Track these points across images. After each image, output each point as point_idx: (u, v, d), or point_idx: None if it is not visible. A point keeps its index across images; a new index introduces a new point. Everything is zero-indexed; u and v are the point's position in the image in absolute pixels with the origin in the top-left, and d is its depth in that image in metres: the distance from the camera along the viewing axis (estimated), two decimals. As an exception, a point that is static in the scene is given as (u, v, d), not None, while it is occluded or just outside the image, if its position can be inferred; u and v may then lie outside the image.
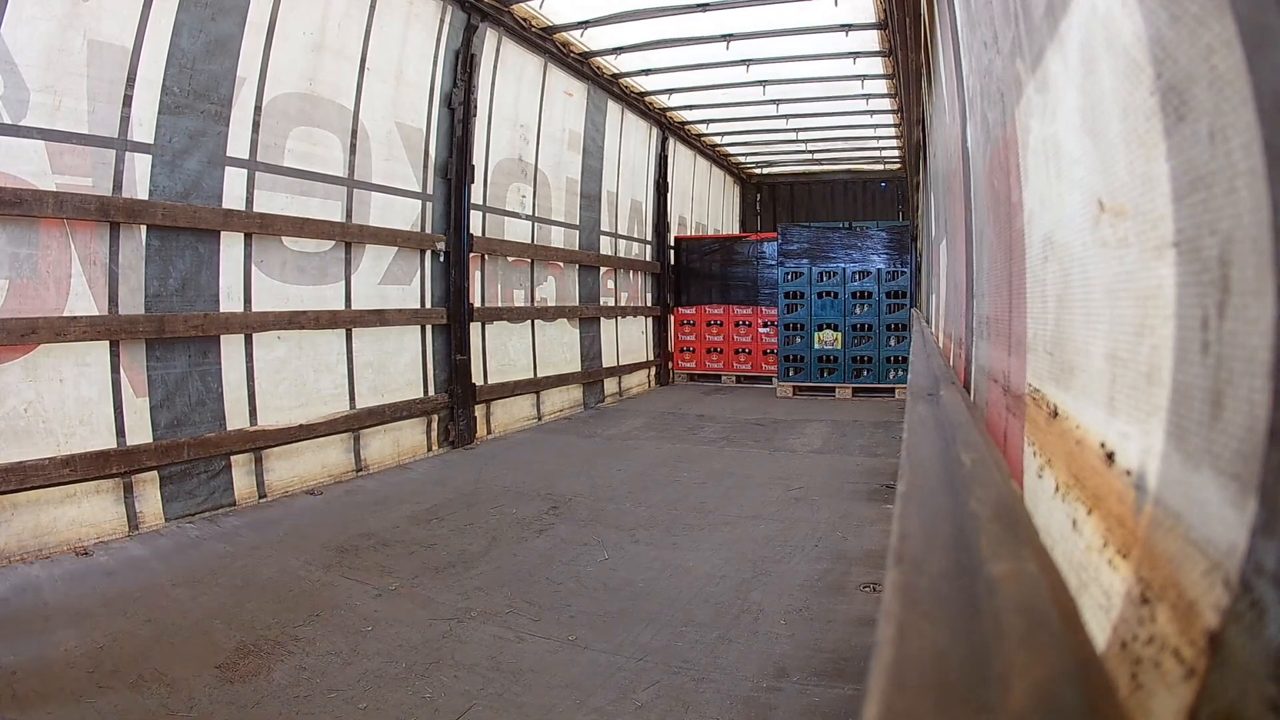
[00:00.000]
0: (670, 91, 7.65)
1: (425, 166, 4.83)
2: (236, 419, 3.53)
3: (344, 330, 4.18)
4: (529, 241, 6.12)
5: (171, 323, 3.21)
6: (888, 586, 0.60)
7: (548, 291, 6.45)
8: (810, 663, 2.01)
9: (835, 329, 7.58)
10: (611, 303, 7.66)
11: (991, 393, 1.40)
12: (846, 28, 5.65)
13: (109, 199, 2.98)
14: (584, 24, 5.74)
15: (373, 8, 4.27)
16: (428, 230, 4.82)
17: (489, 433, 5.44)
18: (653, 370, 8.59)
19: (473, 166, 5.10)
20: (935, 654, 0.49)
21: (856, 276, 7.55)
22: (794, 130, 9.25)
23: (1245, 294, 0.41)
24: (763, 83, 7.04)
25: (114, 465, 2.96)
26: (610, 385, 7.48)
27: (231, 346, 3.53)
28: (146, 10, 3.08)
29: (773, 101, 7.71)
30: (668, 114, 8.45)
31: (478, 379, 5.26)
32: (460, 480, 4.14)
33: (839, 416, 6.33)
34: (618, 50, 6.34)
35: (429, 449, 4.84)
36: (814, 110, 8.17)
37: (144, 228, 3.15)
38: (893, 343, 7.40)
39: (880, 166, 11.71)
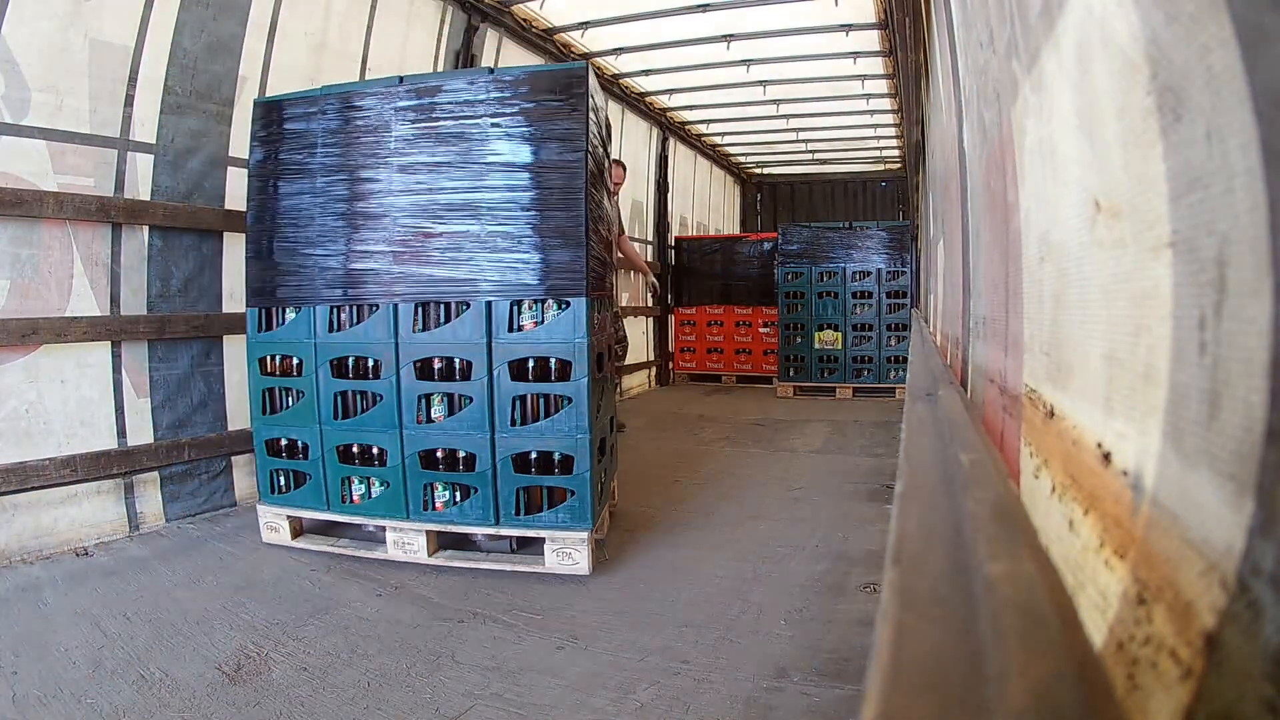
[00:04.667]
0: (671, 92, 7.65)
1: (426, 167, 4.82)
2: (238, 419, 3.53)
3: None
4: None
5: (173, 323, 3.21)
6: (886, 586, 0.60)
7: (549, 292, 6.44)
8: (810, 662, 2.01)
9: (835, 329, 7.57)
10: (613, 303, 7.67)
11: (989, 393, 1.40)
12: (847, 28, 5.65)
13: (110, 199, 2.98)
14: (584, 25, 5.74)
15: (374, 8, 4.28)
16: (428, 230, 4.82)
17: (489, 433, 5.44)
18: (653, 370, 8.59)
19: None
20: (933, 654, 0.49)
21: (857, 276, 7.54)
22: (794, 130, 9.25)
23: (1242, 294, 0.41)
24: (763, 83, 7.04)
25: (115, 466, 2.96)
26: (611, 385, 7.48)
27: (234, 347, 3.53)
28: (148, 9, 3.08)
29: (773, 101, 7.71)
30: (668, 114, 8.45)
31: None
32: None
33: (839, 416, 6.33)
34: (618, 51, 6.34)
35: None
36: (814, 110, 8.17)
37: (146, 228, 3.16)
38: (893, 343, 7.39)
39: (880, 166, 11.70)
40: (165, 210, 3.18)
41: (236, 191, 3.53)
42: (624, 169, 5.74)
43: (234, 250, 3.54)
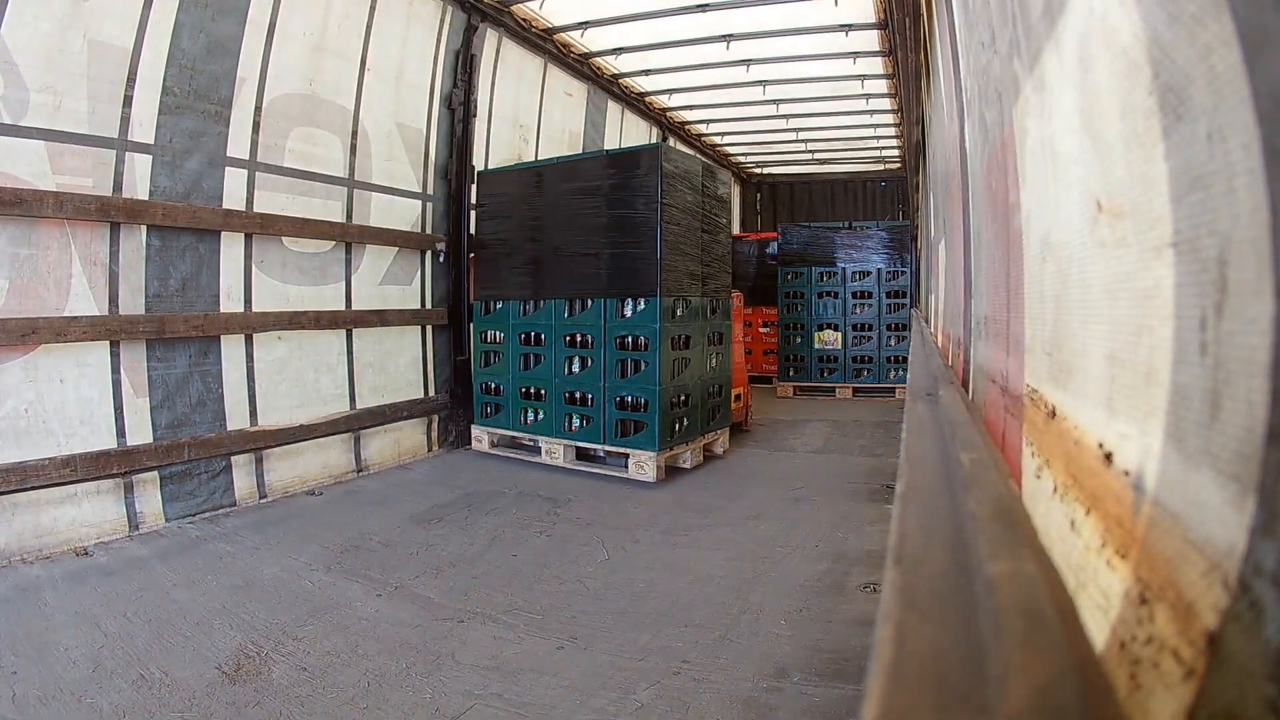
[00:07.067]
0: (670, 91, 7.64)
1: (425, 167, 4.83)
2: (237, 419, 3.53)
3: (344, 330, 4.18)
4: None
5: (172, 323, 3.21)
6: (886, 586, 0.60)
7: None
8: (810, 663, 2.01)
9: (835, 329, 7.58)
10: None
11: (990, 393, 1.40)
12: (846, 28, 5.65)
13: (109, 199, 2.98)
14: (584, 25, 5.74)
15: (373, 8, 4.27)
16: (428, 230, 4.83)
17: (489, 433, 5.45)
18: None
19: (473, 167, 5.11)
20: (934, 654, 0.49)
21: (856, 276, 7.55)
22: (794, 130, 9.24)
23: (1243, 294, 0.41)
24: (763, 83, 7.03)
25: (114, 465, 2.96)
26: (611, 385, 7.50)
27: (232, 347, 3.53)
28: (147, 10, 3.08)
29: (773, 101, 7.71)
30: (668, 114, 8.44)
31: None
32: (460, 481, 4.14)
33: (839, 416, 6.33)
34: (618, 51, 6.34)
35: (429, 449, 4.84)
36: (814, 110, 8.16)
37: (144, 228, 3.15)
38: (893, 342, 7.40)
39: (880, 166, 11.69)
40: (164, 210, 3.17)
41: (234, 191, 3.53)
42: None
43: (232, 250, 3.54)
